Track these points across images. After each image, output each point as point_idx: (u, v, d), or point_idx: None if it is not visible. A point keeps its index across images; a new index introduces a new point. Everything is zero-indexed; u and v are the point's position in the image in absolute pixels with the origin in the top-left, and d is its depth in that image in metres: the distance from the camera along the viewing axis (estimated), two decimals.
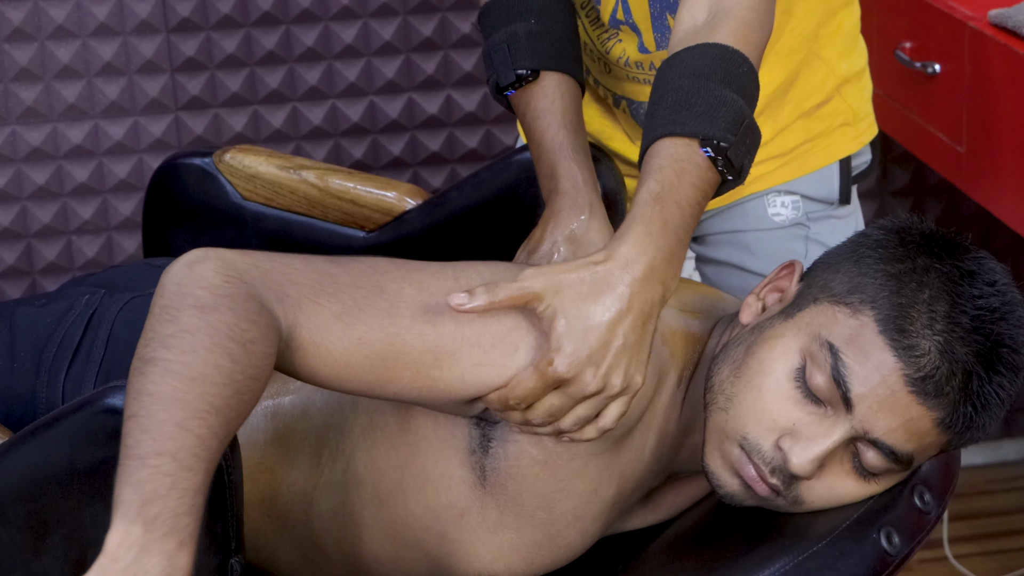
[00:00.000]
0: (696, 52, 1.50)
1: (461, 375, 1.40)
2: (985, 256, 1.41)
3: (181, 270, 1.34)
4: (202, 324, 1.29)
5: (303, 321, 1.36)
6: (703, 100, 1.45)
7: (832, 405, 1.39)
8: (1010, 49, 2.13)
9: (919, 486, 1.45)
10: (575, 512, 1.47)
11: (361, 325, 1.38)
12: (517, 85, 1.70)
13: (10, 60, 2.67)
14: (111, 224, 2.76)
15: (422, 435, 1.48)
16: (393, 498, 1.50)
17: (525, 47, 1.70)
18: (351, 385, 1.40)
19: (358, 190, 1.91)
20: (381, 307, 1.39)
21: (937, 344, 1.35)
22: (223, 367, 1.28)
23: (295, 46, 2.73)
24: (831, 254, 1.47)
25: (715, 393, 1.44)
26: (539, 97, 1.69)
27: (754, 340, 1.44)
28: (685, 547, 1.49)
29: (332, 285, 1.39)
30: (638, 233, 1.40)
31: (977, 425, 1.38)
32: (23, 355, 1.64)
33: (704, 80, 1.47)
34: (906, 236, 1.42)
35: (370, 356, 1.38)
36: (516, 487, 1.46)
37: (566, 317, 1.37)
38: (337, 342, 1.37)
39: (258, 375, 1.31)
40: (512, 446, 1.45)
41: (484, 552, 1.48)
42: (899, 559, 1.40)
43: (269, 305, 1.34)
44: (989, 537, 2.85)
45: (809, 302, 1.43)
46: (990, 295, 1.37)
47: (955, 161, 2.32)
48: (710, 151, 1.44)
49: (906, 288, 1.37)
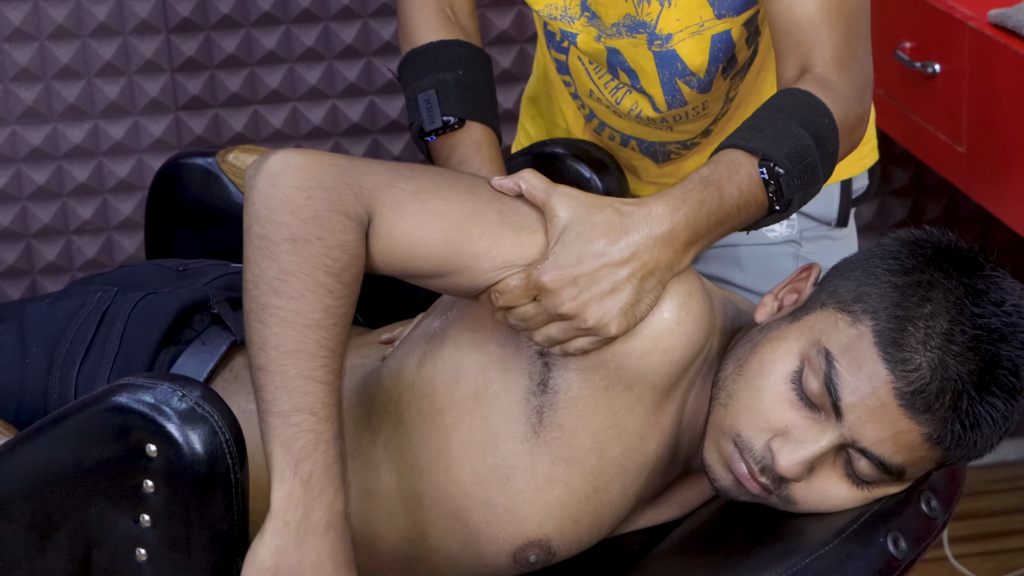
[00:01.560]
0: (784, 92, 1.56)
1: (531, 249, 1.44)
2: (1001, 275, 1.41)
3: (266, 187, 1.41)
4: (300, 262, 1.38)
5: (378, 207, 1.43)
6: (773, 128, 1.49)
7: (826, 411, 1.40)
8: (1010, 49, 2.13)
9: (926, 492, 1.45)
10: (621, 461, 1.49)
11: (437, 200, 1.44)
12: (440, 132, 1.76)
13: (10, 60, 2.67)
14: (111, 224, 2.76)
15: (471, 394, 1.49)
16: (435, 465, 1.51)
17: (454, 96, 1.76)
18: (425, 264, 1.45)
19: None
20: (459, 187, 1.46)
21: (930, 360, 1.36)
22: (329, 307, 1.39)
23: (295, 46, 2.73)
24: (846, 261, 1.48)
25: (718, 388, 1.46)
26: (466, 144, 1.75)
27: (760, 340, 1.46)
28: (691, 547, 1.49)
29: (409, 171, 1.46)
30: (674, 198, 1.43)
31: (969, 443, 1.38)
32: (35, 350, 1.64)
33: (782, 114, 1.51)
34: (918, 248, 1.42)
35: (446, 229, 1.44)
36: (574, 423, 1.47)
37: (569, 234, 1.41)
38: (412, 218, 1.43)
39: (354, 299, 1.42)
40: (575, 374, 1.46)
41: (532, 513, 1.49)
42: (905, 564, 1.40)
43: (349, 206, 1.41)
44: (989, 537, 2.85)
45: (816, 307, 1.45)
46: (993, 315, 1.37)
47: (955, 161, 2.32)
48: (765, 172, 1.46)
49: (908, 301, 1.38)
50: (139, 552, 1.37)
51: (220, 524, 1.36)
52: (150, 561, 1.37)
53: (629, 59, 1.80)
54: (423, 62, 1.79)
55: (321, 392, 1.37)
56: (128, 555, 1.38)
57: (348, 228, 1.40)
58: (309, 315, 1.38)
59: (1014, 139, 2.13)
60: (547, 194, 1.44)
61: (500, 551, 1.51)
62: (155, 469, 1.35)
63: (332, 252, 1.39)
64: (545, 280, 1.41)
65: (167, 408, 1.34)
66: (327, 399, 1.38)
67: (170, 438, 1.34)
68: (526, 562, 1.51)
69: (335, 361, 1.39)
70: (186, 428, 1.34)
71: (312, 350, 1.38)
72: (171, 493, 1.35)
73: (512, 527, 1.50)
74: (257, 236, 1.40)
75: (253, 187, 1.42)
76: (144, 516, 1.36)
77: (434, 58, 1.78)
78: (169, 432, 1.34)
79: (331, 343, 1.39)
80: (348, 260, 1.40)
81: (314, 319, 1.38)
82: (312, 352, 1.38)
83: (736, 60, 1.82)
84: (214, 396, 1.36)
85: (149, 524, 1.36)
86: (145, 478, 1.35)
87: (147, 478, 1.35)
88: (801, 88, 1.55)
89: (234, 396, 1.59)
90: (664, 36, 1.77)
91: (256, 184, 1.41)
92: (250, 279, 1.40)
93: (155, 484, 1.35)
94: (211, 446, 1.34)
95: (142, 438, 1.34)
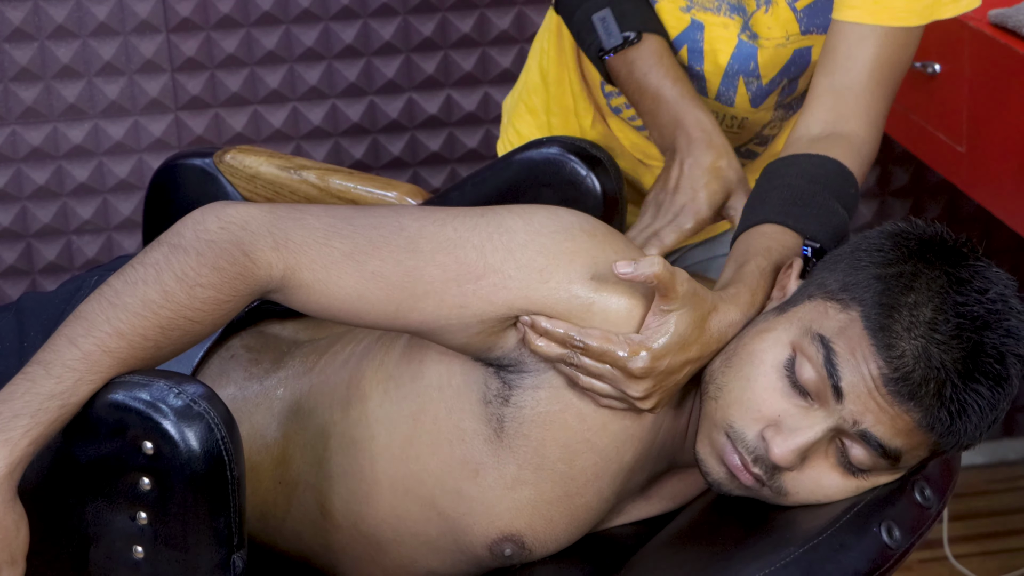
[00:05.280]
0: (816, 160, 1.62)
1: (488, 297, 1.43)
2: (985, 265, 1.41)
3: (197, 211, 1.41)
4: (160, 260, 1.38)
5: (306, 263, 1.41)
6: (817, 205, 1.57)
7: (818, 399, 1.40)
8: (1010, 49, 2.13)
9: (920, 481, 1.45)
10: (595, 469, 1.49)
11: (376, 260, 1.43)
12: (619, 48, 1.78)
13: (10, 60, 2.67)
14: (111, 224, 2.76)
15: (435, 385, 1.49)
16: (406, 452, 1.51)
17: (631, 11, 1.78)
18: (370, 317, 1.44)
19: (359, 190, 1.91)
20: (398, 243, 1.44)
21: (914, 348, 1.36)
22: (150, 301, 1.36)
23: (295, 46, 2.73)
24: (832, 254, 1.49)
25: (707, 382, 1.47)
26: (646, 56, 1.78)
27: (747, 333, 1.47)
28: (685, 541, 1.49)
29: (347, 227, 1.44)
30: (745, 302, 1.49)
31: (959, 431, 1.38)
32: (33, 334, 1.64)
33: (821, 187, 1.59)
34: (901, 240, 1.43)
35: (387, 288, 1.43)
36: (541, 435, 1.47)
37: (673, 332, 1.42)
38: (347, 278, 1.42)
39: (197, 317, 1.38)
40: (546, 391, 1.46)
41: (503, 509, 1.49)
42: (899, 553, 1.40)
43: (259, 253, 1.40)
44: (989, 537, 2.85)
45: (804, 298, 1.45)
46: (976, 303, 1.37)
47: (955, 161, 2.32)
48: (809, 251, 1.53)
49: (892, 291, 1.39)
50: (136, 550, 1.37)
51: (216, 521, 1.36)
52: (147, 558, 1.37)
53: (707, 38, 1.82)
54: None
55: (70, 354, 1.34)
56: (125, 553, 1.38)
57: (237, 262, 1.39)
58: (123, 296, 1.36)
59: (1014, 139, 2.13)
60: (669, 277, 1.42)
61: (475, 542, 1.51)
62: (151, 466, 1.35)
63: (201, 269, 1.38)
64: (635, 367, 1.42)
65: (163, 405, 1.34)
66: (71, 362, 1.33)
67: (166, 435, 1.34)
68: (502, 555, 1.52)
69: (117, 342, 1.35)
70: (182, 425, 1.34)
71: (97, 323, 1.35)
72: (167, 490, 1.35)
73: (485, 520, 1.50)
74: (157, 239, 1.41)
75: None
76: (141, 513, 1.36)
77: None
78: (165, 429, 1.34)
79: (124, 327, 1.35)
80: (212, 282, 1.38)
81: (124, 301, 1.36)
82: (94, 323, 1.35)
83: (797, 87, 1.86)
84: (210, 393, 1.36)
85: (146, 521, 1.36)
86: (141, 475, 1.35)
87: (143, 475, 1.35)
88: (832, 157, 1.62)
89: (232, 374, 1.60)
90: (754, 33, 1.81)
91: (195, 211, 1.42)
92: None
93: (151, 481, 1.35)
94: (207, 443, 1.34)
95: (138, 435, 1.34)
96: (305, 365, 1.62)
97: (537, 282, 1.43)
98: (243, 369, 1.63)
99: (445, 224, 1.45)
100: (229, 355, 1.64)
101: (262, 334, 1.69)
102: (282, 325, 1.72)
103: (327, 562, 1.61)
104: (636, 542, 1.55)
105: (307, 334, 1.70)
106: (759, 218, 1.58)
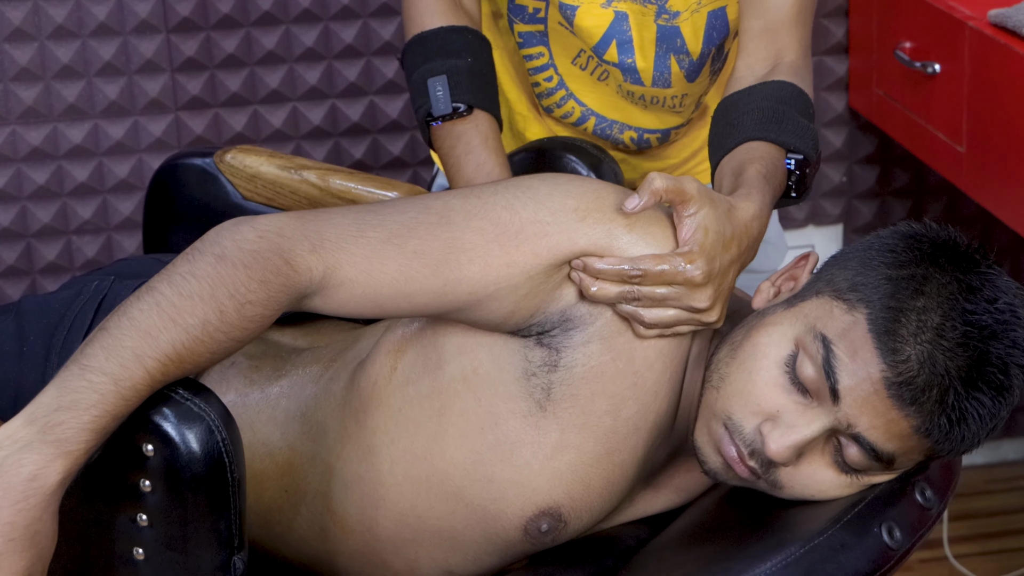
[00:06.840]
0: (775, 85, 1.69)
1: (531, 249, 1.44)
2: (996, 273, 1.41)
3: (227, 224, 1.40)
4: (212, 272, 1.35)
5: (346, 258, 1.41)
6: (790, 120, 1.64)
7: (818, 397, 1.41)
8: (1010, 49, 2.13)
9: (921, 482, 1.46)
10: (635, 420, 1.49)
11: (414, 240, 1.43)
12: (448, 118, 1.78)
13: (10, 60, 2.67)
14: (111, 224, 2.76)
15: (459, 378, 1.49)
16: (430, 450, 1.51)
17: (466, 83, 1.78)
18: (418, 298, 1.44)
19: (359, 190, 1.91)
20: (430, 220, 1.44)
21: (919, 353, 1.36)
22: (208, 322, 1.34)
23: (295, 46, 2.73)
24: (844, 251, 1.49)
25: (711, 371, 1.47)
26: (472, 134, 1.78)
27: (754, 324, 1.47)
28: (685, 541, 1.50)
29: (375, 218, 1.44)
30: (758, 202, 1.51)
31: (956, 438, 1.38)
32: (32, 339, 1.64)
33: (788, 106, 1.66)
34: (914, 242, 1.43)
35: (431, 263, 1.43)
36: (590, 390, 1.47)
37: (711, 229, 1.45)
38: (390, 262, 1.42)
39: (241, 337, 1.37)
40: (597, 344, 1.47)
41: (541, 482, 1.49)
42: (900, 553, 1.40)
43: (299, 259, 1.39)
44: (989, 537, 2.85)
45: (812, 294, 1.46)
46: (985, 312, 1.37)
47: (955, 161, 2.32)
48: (792, 163, 1.60)
49: (902, 293, 1.39)
50: (136, 551, 1.37)
51: (217, 523, 1.36)
52: (147, 560, 1.37)
53: (633, 27, 1.84)
54: (432, 47, 1.80)
55: (139, 376, 1.30)
56: (125, 554, 1.38)
57: (281, 272, 1.38)
58: (184, 315, 1.33)
59: (1014, 139, 2.13)
60: (675, 186, 1.44)
61: (509, 525, 1.51)
62: (152, 468, 1.35)
63: (251, 284, 1.36)
64: (698, 278, 1.44)
65: (163, 407, 1.34)
66: (138, 386, 1.30)
67: (167, 437, 1.34)
68: (537, 532, 1.51)
69: (174, 368, 1.32)
70: (183, 427, 1.34)
71: (161, 343, 1.32)
72: (168, 492, 1.35)
73: (520, 500, 1.50)
74: (190, 248, 1.39)
75: (218, 226, 1.41)
76: (141, 515, 1.36)
77: (443, 43, 1.80)
78: (166, 431, 1.34)
79: (184, 352, 1.33)
80: (261, 298, 1.36)
81: (186, 321, 1.33)
82: (159, 345, 1.31)
83: (724, 52, 1.90)
84: (210, 395, 1.36)
85: (146, 523, 1.36)
86: (142, 477, 1.35)
87: (144, 477, 1.35)
88: (786, 80, 1.69)
89: (232, 381, 1.60)
90: (672, 12, 1.84)
91: (221, 224, 1.41)
92: (158, 274, 1.37)
93: (152, 483, 1.35)
94: (208, 445, 1.34)
95: (138, 437, 1.34)
96: (309, 375, 1.61)
97: (575, 221, 1.44)
98: (243, 376, 1.63)
99: (468, 196, 1.47)
100: (229, 362, 1.64)
101: (262, 341, 1.69)
102: (281, 332, 1.71)
103: (332, 568, 1.61)
104: (637, 543, 1.55)
105: (306, 341, 1.70)
106: (738, 140, 1.63)
